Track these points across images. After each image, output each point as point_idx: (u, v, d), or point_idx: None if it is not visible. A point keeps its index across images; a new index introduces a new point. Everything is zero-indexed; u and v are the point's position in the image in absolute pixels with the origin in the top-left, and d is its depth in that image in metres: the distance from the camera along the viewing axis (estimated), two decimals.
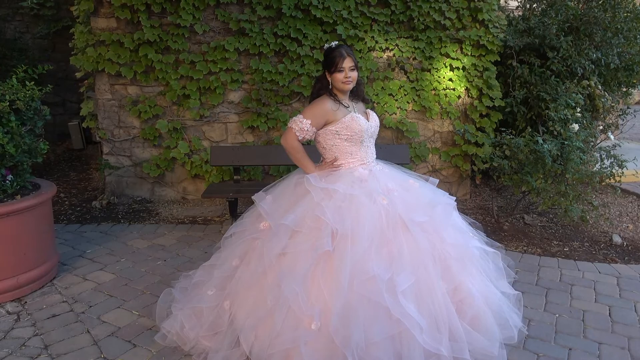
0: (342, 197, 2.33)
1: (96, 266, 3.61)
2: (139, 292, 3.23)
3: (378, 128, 2.68)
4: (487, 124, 5.18)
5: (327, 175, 2.48)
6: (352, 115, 2.52)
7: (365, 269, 2.15)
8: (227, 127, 5.12)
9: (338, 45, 2.56)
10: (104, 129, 5.00)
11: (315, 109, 2.52)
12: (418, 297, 2.18)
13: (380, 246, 2.23)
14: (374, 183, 2.44)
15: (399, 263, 2.20)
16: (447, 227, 2.41)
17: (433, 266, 2.26)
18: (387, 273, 2.15)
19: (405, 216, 2.32)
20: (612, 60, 5.07)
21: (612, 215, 4.98)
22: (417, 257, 2.25)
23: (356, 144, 2.53)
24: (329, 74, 2.52)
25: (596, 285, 3.49)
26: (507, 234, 4.48)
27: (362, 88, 2.67)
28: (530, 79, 5.11)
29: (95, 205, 4.98)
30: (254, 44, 4.84)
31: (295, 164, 2.59)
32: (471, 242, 2.52)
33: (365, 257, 2.17)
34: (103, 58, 4.75)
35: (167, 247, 4.00)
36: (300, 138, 2.52)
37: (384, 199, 2.34)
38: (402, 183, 2.54)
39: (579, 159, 4.16)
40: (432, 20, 4.95)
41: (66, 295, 3.17)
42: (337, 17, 4.82)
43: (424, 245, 2.28)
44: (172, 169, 5.14)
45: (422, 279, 2.21)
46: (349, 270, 2.13)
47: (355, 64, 2.51)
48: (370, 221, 2.26)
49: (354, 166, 2.53)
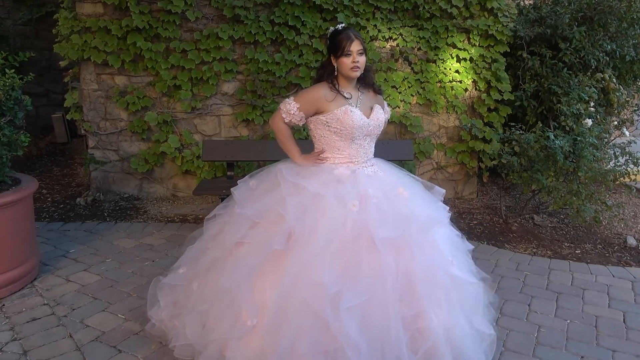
0: (310, 195, 2.29)
1: (80, 267, 3.58)
2: (125, 295, 3.20)
3: (381, 127, 2.54)
4: (496, 118, 5.16)
5: (306, 168, 2.45)
6: (346, 108, 2.41)
7: (313, 274, 2.09)
8: (220, 120, 5.09)
9: (345, 27, 2.46)
10: (89, 122, 4.96)
11: (307, 95, 2.49)
12: (366, 317, 2.07)
13: (336, 255, 2.14)
14: (351, 186, 2.34)
15: (352, 277, 2.11)
16: (423, 247, 2.27)
17: (393, 287, 2.12)
18: (336, 285, 2.06)
19: (373, 229, 2.19)
20: (628, 52, 5.06)
21: (626, 216, 4.97)
22: (376, 274, 2.13)
23: (345, 139, 2.44)
24: (334, 58, 2.42)
25: (610, 289, 3.47)
26: (515, 235, 4.46)
27: (371, 75, 2.57)
28: (541, 71, 5.09)
29: (80, 202, 4.94)
30: (249, 32, 4.80)
31: (281, 147, 2.58)
32: (447, 267, 2.32)
33: (316, 262, 2.11)
34: (89, 46, 4.71)
35: (156, 247, 3.97)
36: (287, 121, 2.50)
37: (354, 205, 2.24)
38: (389, 191, 2.40)
39: (592, 156, 4.14)
40: (438, 8, 4.91)
41: (47, 298, 3.13)
42: (338, 4, 4.79)
43: (387, 262, 2.15)
44: (162, 164, 5.10)
45: (377, 299, 2.09)
46: (294, 272, 2.12)
47: (364, 48, 2.42)
48: (331, 226, 2.19)
49: (339, 162, 2.46)
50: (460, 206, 5.17)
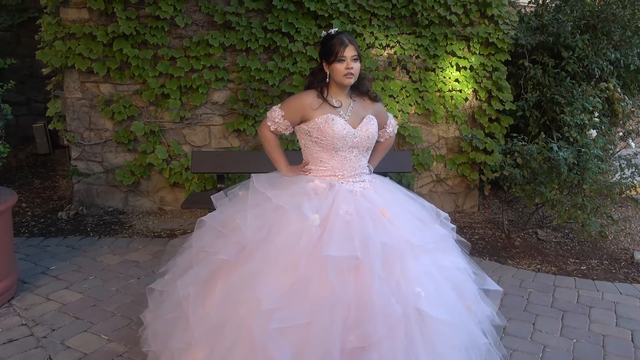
0: (272, 207, 2.27)
1: (61, 284, 3.55)
2: (108, 314, 3.17)
3: (371, 139, 2.45)
4: (497, 129, 5.20)
5: (281, 179, 2.44)
6: (327, 117, 2.35)
7: (254, 288, 2.04)
8: (210, 131, 5.10)
9: (338, 31, 2.42)
10: (72, 132, 4.96)
11: (292, 102, 2.47)
12: (305, 344, 1.97)
13: (285, 270, 2.07)
14: (319, 200, 2.25)
15: (300, 296, 2.01)
16: (390, 274, 2.11)
17: (341, 314, 1.98)
18: (274, 303, 1.98)
19: (324, 245, 2.08)
20: (632, 61, 5.14)
21: (633, 231, 5.00)
22: (324, 297, 2.00)
23: (327, 150, 2.37)
24: (327, 64, 2.38)
25: (617, 307, 3.48)
26: (518, 250, 4.47)
27: (366, 82, 2.51)
28: (543, 80, 5.15)
29: (62, 216, 4.92)
30: (241, 39, 4.84)
31: (269, 157, 2.58)
32: (414, 300, 2.07)
33: (260, 276, 2.07)
34: (73, 53, 4.73)
35: (141, 264, 3.94)
36: (273, 129, 2.49)
37: (315, 220, 2.15)
38: (369, 210, 2.28)
39: (597, 168, 4.18)
40: (436, 15, 4.98)
41: (26, 317, 3.10)
42: (333, 11, 4.84)
43: (337, 285, 2.02)
44: (149, 176, 5.09)
45: (319, 325, 1.97)
46: (238, 284, 2.11)
47: (359, 54, 2.37)
48: (286, 240, 2.14)
49: (322, 175, 2.39)
50: (461, 220, 5.19)
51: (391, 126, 2.70)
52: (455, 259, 2.39)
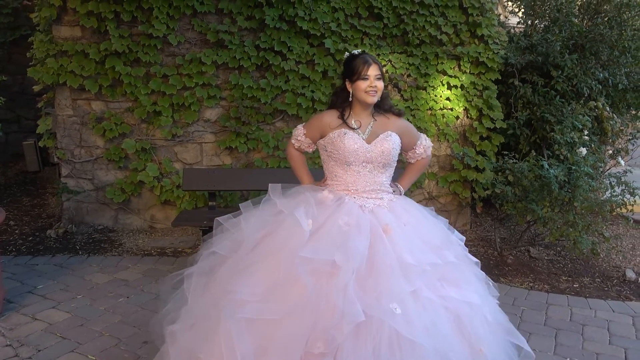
0: (276, 211, 2.36)
1: (48, 304, 3.50)
2: (96, 334, 3.12)
3: (386, 155, 2.44)
4: (488, 147, 5.25)
5: (294, 188, 2.49)
6: (341, 131, 2.41)
7: (236, 282, 2.13)
8: (202, 148, 5.10)
9: (361, 52, 2.48)
10: (63, 149, 4.94)
11: (314, 119, 2.58)
12: (268, 341, 1.99)
13: (269, 270, 2.14)
14: (319, 209, 2.30)
15: (278, 296, 2.06)
16: (365, 287, 2.07)
17: (310, 321, 1.98)
18: (249, 297, 2.06)
19: (304, 249, 2.11)
20: (620, 81, 5.23)
21: (624, 248, 5.03)
22: (297, 301, 2.03)
23: (341, 164, 2.42)
24: (350, 83, 2.42)
25: (610, 325, 3.48)
26: (511, 268, 4.48)
27: (388, 101, 2.54)
28: (533, 99, 5.22)
29: (50, 234, 4.86)
30: (233, 57, 4.87)
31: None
32: (388, 317, 2.01)
33: (246, 270, 2.17)
34: (65, 70, 4.73)
35: (131, 282, 3.90)
36: (297, 147, 2.63)
37: (309, 225, 2.20)
38: (372, 225, 2.27)
39: (587, 185, 4.21)
40: (427, 34, 5.05)
41: (11, 338, 3.04)
42: (325, 30, 4.90)
43: (310, 291, 2.03)
44: (139, 194, 5.07)
45: (286, 327, 1.99)
46: (224, 279, 2.19)
47: (382, 73, 2.42)
48: (276, 242, 2.23)
49: (336, 190, 2.43)
50: None
51: (422, 147, 2.65)
52: (469, 293, 2.25)
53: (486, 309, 2.29)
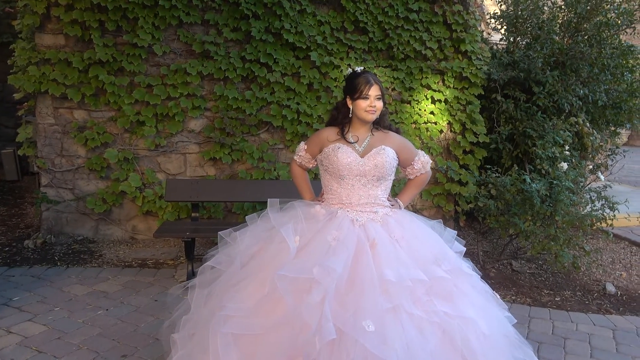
0: (269, 227, 2.40)
1: (24, 316, 3.42)
2: (74, 347, 3.05)
3: (380, 169, 2.45)
4: (471, 161, 5.30)
5: (289, 204, 2.52)
6: (335, 145, 2.48)
7: (227, 296, 2.18)
8: (185, 159, 5.06)
9: (364, 70, 2.55)
10: (43, 158, 4.86)
11: (314, 135, 2.66)
12: (252, 356, 2.01)
13: (258, 286, 2.18)
14: (313, 224, 2.34)
15: (265, 310, 2.10)
16: (342, 304, 2.07)
17: (291, 336, 2.01)
18: (236, 312, 2.11)
19: (285, 267, 2.14)
20: (600, 97, 5.34)
21: (604, 262, 5.10)
22: (280, 317, 2.07)
23: (335, 178, 2.48)
24: (350, 100, 2.49)
25: (591, 338, 3.51)
26: (494, 281, 4.50)
27: (386, 119, 2.61)
28: (515, 114, 5.30)
29: (28, 244, 4.76)
30: (219, 68, 4.87)
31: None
32: (359, 335, 1.99)
33: (237, 286, 2.22)
34: (47, 78, 4.67)
35: (110, 294, 3.83)
36: (299, 163, 2.71)
37: (296, 241, 2.24)
38: (360, 240, 2.27)
39: (568, 200, 4.27)
40: (412, 49, 5.12)
41: None
42: (311, 43, 4.93)
43: (290, 307, 2.05)
44: (121, 204, 5.00)
45: (267, 342, 2.02)
46: (218, 294, 2.25)
47: (383, 94, 2.50)
48: (264, 258, 2.29)
49: (331, 204, 2.48)
50: None
51: (419, 163, 2.64)
52: (462, 307, 2.21)
53: (482, 323, 2.21)
